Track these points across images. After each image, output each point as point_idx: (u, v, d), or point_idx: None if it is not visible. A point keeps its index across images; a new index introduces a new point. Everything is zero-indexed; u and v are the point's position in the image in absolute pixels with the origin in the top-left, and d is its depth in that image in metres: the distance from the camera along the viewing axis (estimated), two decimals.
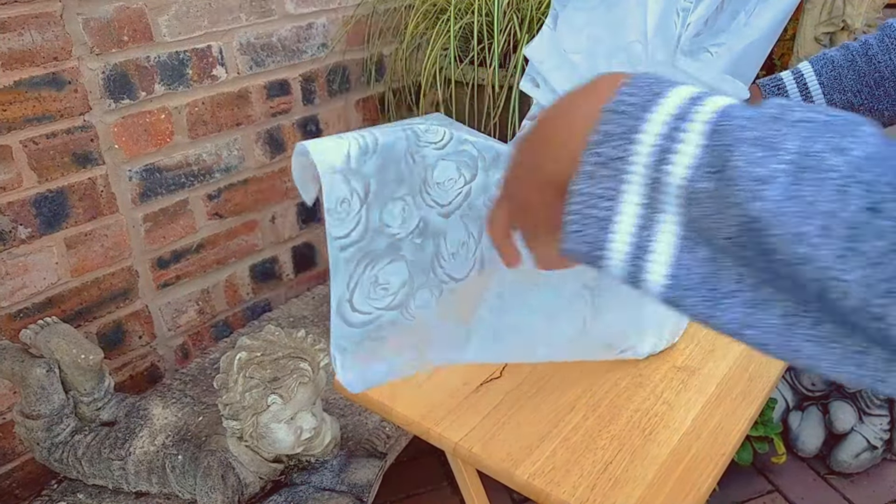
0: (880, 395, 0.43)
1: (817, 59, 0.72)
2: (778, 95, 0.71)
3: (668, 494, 0.66)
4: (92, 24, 1.31)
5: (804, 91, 0.70)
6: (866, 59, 0.68)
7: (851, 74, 0.68)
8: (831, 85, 0.69)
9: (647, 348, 0.85)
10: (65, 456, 1.20)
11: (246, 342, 1.12)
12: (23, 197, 1.29)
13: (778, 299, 0.31)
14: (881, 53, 0.67)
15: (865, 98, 0.68)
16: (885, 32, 0.68)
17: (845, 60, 0.69)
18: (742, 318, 0.32)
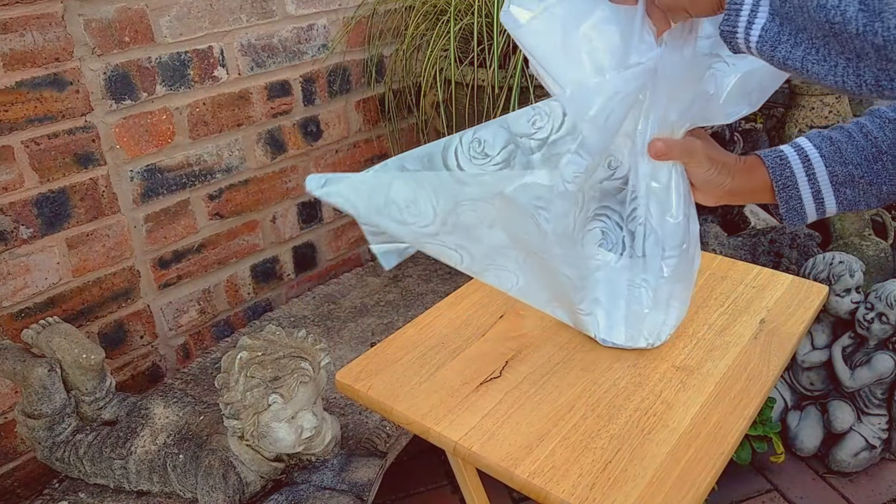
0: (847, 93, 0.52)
1: (814, 135, 0.74)
2: (781, 168, 0.73)
3: (667, 493, 0.67)
4: (93, 25, 1.32)
5: (806, 164, 0.72)
6: (862, 135, 0.71)
7: (850, 148, 0.71)
8: (832, 157, 0.72)
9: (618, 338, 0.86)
10: (66, 455, 1.21)
11: (247, 342, 1.13)
12: (24, 197, 1.30)
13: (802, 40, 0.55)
14: (876, 130, 0.71)
15: (865, 171, 0.70)
16: (874, 114, 0.72)
17: (842, 135, 0.72)
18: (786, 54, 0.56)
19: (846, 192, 0.70)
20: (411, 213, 0.69)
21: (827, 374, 1.63)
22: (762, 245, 1.75)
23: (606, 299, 0.83)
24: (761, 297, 0.96)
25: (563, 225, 0.75)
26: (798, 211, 0.74)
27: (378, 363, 0.89)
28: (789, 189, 0.74)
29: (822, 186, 0.71)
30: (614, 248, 0.80)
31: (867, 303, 1.54)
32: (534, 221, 0.72)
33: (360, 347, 1.58)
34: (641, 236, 0.77)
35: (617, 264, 0.80)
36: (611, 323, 0.85)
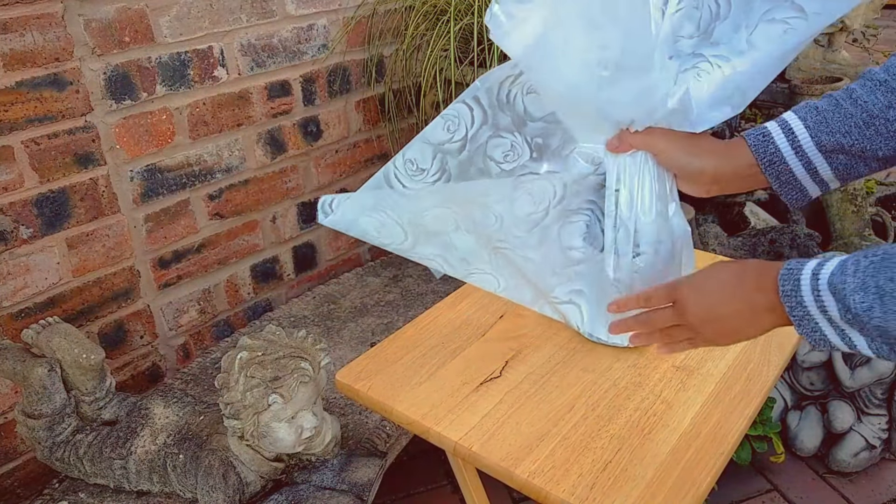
0: None
1: (800, 107, 0.72)
2: (765, 144, 0.71)
3: (668, 493, 0.67)
4: (93, 25, 1.32)
5: (790, 136, 0.70)
6: (851, 101, 0.69)
7: (837, 116, 0.69)
8: (817, 128, 0.69)
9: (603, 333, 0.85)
10: (66, 455, 1.21)
11: (247, 342, 1.13)
12: (24, 197, 1.30)
13: None
14: (866, 94, 0.68)
15: (856, 139, 0.68)
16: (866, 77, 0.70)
17: (829, 105, 0.70)
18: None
19: (840, 159, 0.69)
20: (386, 236, 0.78)
21: (827, 374, 1.63)
22: (762, 245, 1.75)
23: (590, 291, 0.82)
24: None
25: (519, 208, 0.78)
26: (793, 185, 0.71)
27: (378, 363, 0.89)
28: (776, 164, 0.71)
29: (811, 157, 0.69)
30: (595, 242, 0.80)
31: None
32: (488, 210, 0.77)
33: (360, 347, 1.58)
34: (612, 230, 0.77)
35: (598, 258, 0.80)
36: (594, 315, 0.84)
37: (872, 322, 0.55)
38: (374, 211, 0.77)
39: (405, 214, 0.77)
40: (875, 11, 1.98)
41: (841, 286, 0.57)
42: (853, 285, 0.56)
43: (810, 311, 0.60)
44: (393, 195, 0.77)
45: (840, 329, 0.59)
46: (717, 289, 0.67)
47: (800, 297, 0.60)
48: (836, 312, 0.58)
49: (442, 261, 0.80)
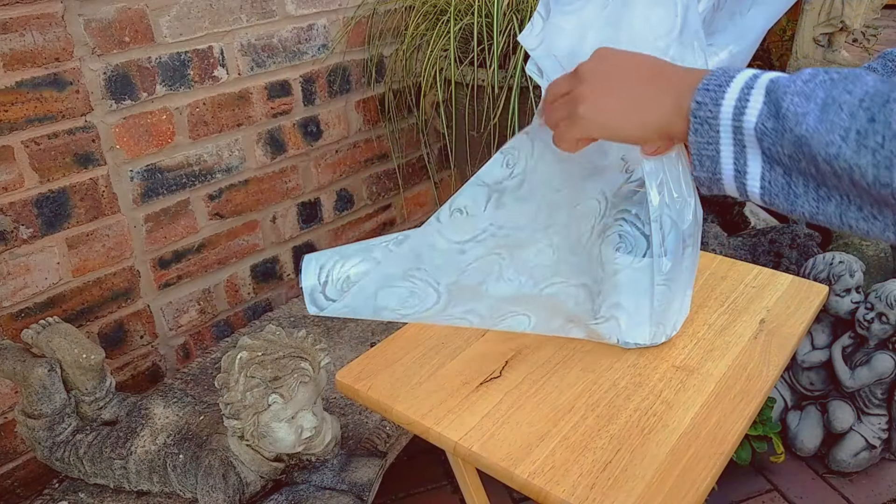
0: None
1: None
2: None
3: (667, 493, 0.67)
4: (93, 25, 1.32)
5: None
6: None
7: None
8: None
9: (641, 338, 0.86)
10: (66, 455, 1.21)
11: (247, 342, 1.13)
12: (24, 197, 1.30)
13: (831, 195, 0.49)
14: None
15: None
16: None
17: None
18: (813, 209, 0.50)
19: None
20: (409, 307, 0.72)
21: (827, 374, 1.63)
22: (762, 245, 1.75)
23: (629, 302, 0.83)
24: (761, 297, 0.96)
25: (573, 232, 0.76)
26: None
27: (378, 363, 0.89)
28: None
29: None
30: (634, 250, 0.80)
31: (867, 303, 1.54)
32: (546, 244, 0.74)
33: (360, 347, 1.58)
34: (659, 234, 0.78)
35: (639, 265, 0.80)
36: (633, 324, 0.85)
37: (798, 129, 0.47)
38: (402, 279, 0.70)
39: (446, 273, 0.71)
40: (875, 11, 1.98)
41: (784, 86, 0.49)
42: (798, 88, 0.48)
43: (722, 112, 0.51)
44: (434, 254, 0.70)
45: (741, 146, 0.51)
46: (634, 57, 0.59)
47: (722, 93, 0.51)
48: (752, 118, 0.50)
49: (472, 315, 0.76)
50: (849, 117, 0.45)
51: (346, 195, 1.91)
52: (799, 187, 0.50)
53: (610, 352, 0.87)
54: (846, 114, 0.45)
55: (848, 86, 0.46)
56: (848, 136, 0.45)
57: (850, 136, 0.45)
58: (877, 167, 0.44)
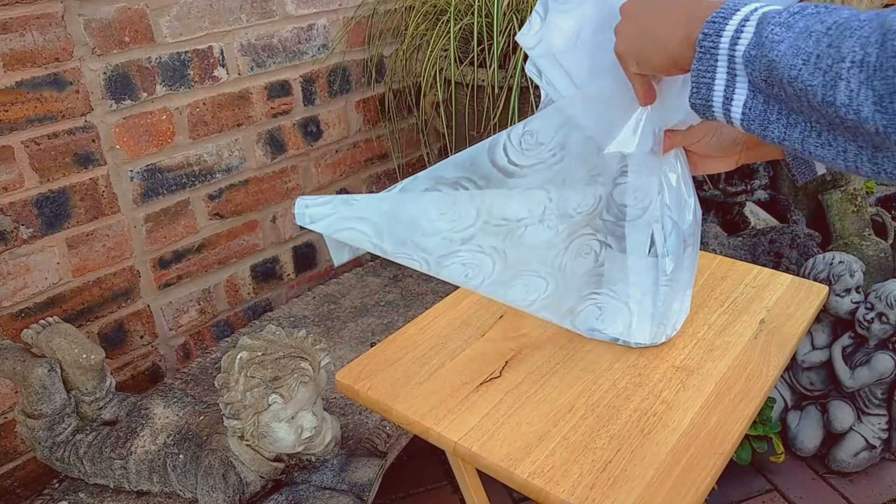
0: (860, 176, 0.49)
1: None
2: None
3: (667, 494, 0.67)
4: (93, 25, 1.32)
5: None
6: None
7: None
8: None
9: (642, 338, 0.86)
10: (66, 455, 1.21)
11: (247, 342, 1.13)
12: (24, 197, 1.30)
13: (798, 122, 0.53)
14: None
15: None
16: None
17: None
18: (781, 134, 0.54)
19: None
20: (447, 219, 0.69)
21: (827, 374, 1.63)
22: (762, 245, 1.75)
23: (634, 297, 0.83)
24: (761, 297, 0.96)
25: None
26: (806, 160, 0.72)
27: (378, 363, 0.89)
28: None
29: None
30: None
31: (867, 303, 1.54)
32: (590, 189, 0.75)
33: (360, 347, 1.58)
34: (662, 235, 0.78)
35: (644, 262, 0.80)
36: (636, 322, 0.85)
37: (770, 54, 0.51)
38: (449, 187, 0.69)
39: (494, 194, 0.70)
40: None
41: (772, 17, 0.52)
42: (781, 19, 0.52)
43: (721, 41, 0.55)
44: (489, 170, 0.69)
45: (733, 73, 0.55)
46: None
47: (724, 23, 0.55)
48: (742, 46, 0.54)
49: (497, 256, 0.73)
50: (814, 44, 0.49)
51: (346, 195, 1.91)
52: (773, 114, 0.54)
53: (610, 352, 0.87)
54: (813, 40, 0.49)
55: (825, 17, 0.50)
56: (808, 60, 0.49)
57: (810, 61, 0.49)
58: (824, 87, 0.48)
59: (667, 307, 0.84)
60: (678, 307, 0.86)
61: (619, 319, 0.85)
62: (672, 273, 0.81)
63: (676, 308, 0.86)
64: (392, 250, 0.67)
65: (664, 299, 0.82)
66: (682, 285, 0.85)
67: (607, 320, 0.86)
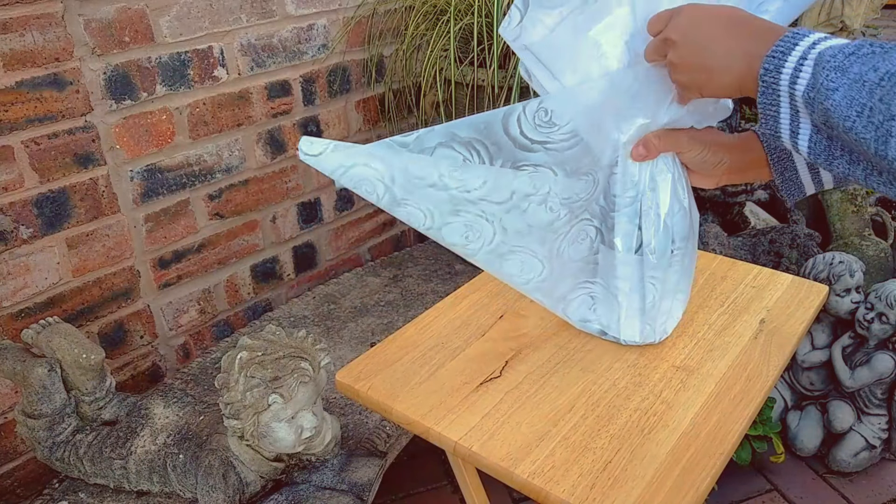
0: None
1: None
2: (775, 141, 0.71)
3: (667, 493, 0.67)
4: (93, 25, 1.32)
5: None
6: None
7: None
8: None
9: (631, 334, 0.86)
10: (66, 455, 1.21)
11: (247, 342, 1.13)
12: (24, 197, 1.30)
13: (860, 160, 0.55)
14: None
15: None
16: None
17: None
18: (846, 170, 0.56)
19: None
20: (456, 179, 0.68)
21: (827, 373, 1.63)
22: (762, 245, 1.75)
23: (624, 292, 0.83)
24: (761, 297, 0.96)
25: None
26: (794, 182, 0.75)
27: (378, 363, 0.89)
28: (783, 161, 0.74)
29: None
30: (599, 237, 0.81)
31: (867, 303, 1.54)
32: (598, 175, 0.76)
33: (360, 347, 1.58)
34: (650, 233, 0.78)
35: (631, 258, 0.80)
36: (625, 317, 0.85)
37: (826, 103, 0.52)
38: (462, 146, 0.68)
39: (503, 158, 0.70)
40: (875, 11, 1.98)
41: (827, 60, 0.53)
42: (837, 63, 0.52)
43: (781, 79, 0.56)
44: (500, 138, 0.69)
45: (795, 110, 0.57)
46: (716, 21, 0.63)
47: (784, 60, 0.56)
48: (802, 87, 0.55)
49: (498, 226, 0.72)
50: (867, 95, 0.50)
51: (346, 195, 1.91)
52: (836, 150, 0.56)
53: (610, 352, 0.87)
54: (866, 91, 0.50)
55: (879, 63, 0.50)
56: (862, 112, 0.50)
57: (863, 113, 0.50)
58: (876, 141, 0.49)
59: (655, 306, 0.83)
60: (667, 308, 0.86)
61: (610, 312, 0.85)
62: (658, 272, 0.80)
63: (665, 309, 0.85)
64: (401, 196, 0.66)
65: (651, 297, 0.82)
66: (671, 287, 0.84)
67: (600, 310, 0.86)
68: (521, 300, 1.00)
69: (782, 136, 0.59)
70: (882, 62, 0.50)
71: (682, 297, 0.87)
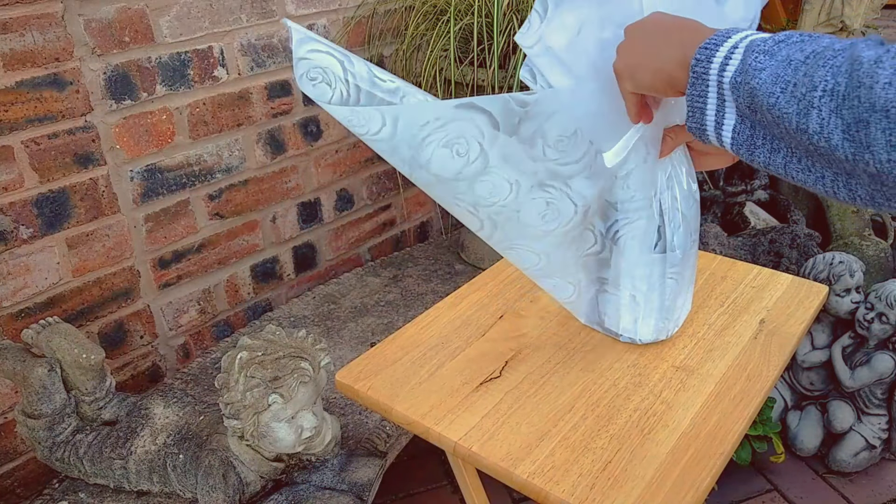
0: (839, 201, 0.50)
1: None
2: None
3: (667, 493, 0.67)
4: (93, 25, 1.32)
5: None
6: None
7: None
8: None
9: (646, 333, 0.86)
10: (66, 455, 1.21)
11: (247, 342, 1.13)
12: (24, 197, 1.30)
13: (780, 147, 0.54)
14: None
15: None
16: None
17: None
18: (766, 159, 0.56)
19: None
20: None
21: (827, 373, 1.63)
22: (762, 245, 1.75)
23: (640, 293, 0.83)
24: (761, 297, 0.96)
25: None
26: None
27: (378, 363, 0.89)
28: None
29: None
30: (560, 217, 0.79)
31: (867, 303, 1.54)
32: None
33: (360, 347, 1.58)
34: (671, 229, 0.78)
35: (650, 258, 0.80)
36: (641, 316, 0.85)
37: (752, 82, 0.53)
38: None
39: None
40: (875, 11, 1.98)
41: (757, 44, 0.54)
42: (766, 47, 0.53)
43: (711, 68, 0.57)
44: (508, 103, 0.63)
45: (722, 99, 0.57)
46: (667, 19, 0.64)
47: (715, 50, 0.57)
48: (730, 73, 0.55)
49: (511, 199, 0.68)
50: (792, 72, 0.50)
51: (346, 195, 1.91)
52: (758, 139, 0.56)
53: (610, 352, 0.87)
54: (791, 69, 0.51)
55: (806, 46, 0.51)
56: (786, 88, 0.50)
57: (787, 89, 0.50)
58: (798, 114, 0.49)
59: (672, 302, 0.84)
60: (682, 303, 0.87)
61: (626, 314, 0.85)
62: (679, 267, 0.81)
63: (681, 303, 0.86)
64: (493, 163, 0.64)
65: (670, 294, 0.83)
66: (687, 280, 0.85)
67: (611, 313, 0.86)
68: (520, 300, 1.00)
69: (707, 129, 0.59)
70: (809, 45, 0.51)
71: (692, 289, 0.88)
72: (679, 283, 0.83)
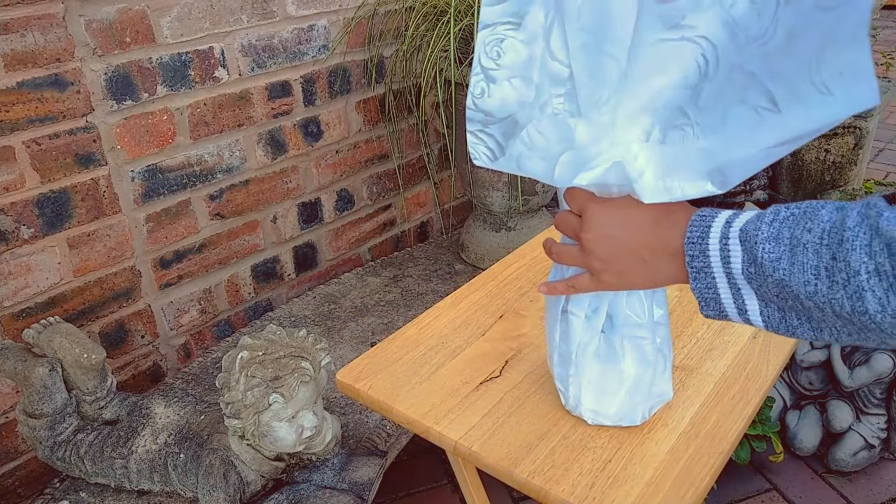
0: None
1: None
2: None
3: (667, 493, 0.67)
4: (94, 26, 1.32)
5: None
6: None
7: None
8: None
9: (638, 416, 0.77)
10: (67, 454, 1.21)
11: (248, 341, 1.13)
12: (25, 197, 1.30)
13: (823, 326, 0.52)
14: None
15: None
16: None
17: None
18: (811, 336, 0.54)
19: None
20: None
21: (826, 373, 1.63)
22: None
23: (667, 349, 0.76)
24: None
25: None
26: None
27: (378, 363, 0.89)
28: None
29: None
30: None
31: None
32: None
33: (361, 347, 1.58)
34: None
35: None
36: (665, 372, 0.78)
37: (776, 274, 0.51)
38: None
39: None
40: (875, 12, 1.98)
41: (753, 233, 0.53)
42: (766, 234, 0.52)
43: (711, 261, 0.56)
44: None
45: (736, 288, 0.56)
46: (624, 217, 0.62)
47: (705, 245, 0.56)
48: (738, 265, 0.54)
49: None
50: (814, 256, 0.49)
51: (346, 195, 1.91)
52: (793, 320, 0.54)
53: None
54: (812, 253, 0.49)
55: (807, 224, 0.50)
56: (819, 273, 0.49)
57: (821, 274, 0.49)
58: (850, 299, 0.48)
59: None
60: None
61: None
62: None
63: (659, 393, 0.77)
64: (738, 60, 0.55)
65: None
66: None
67: None
68: (520, 300, 1.00)
69: (730, 315, 0.58)
70: (810, 223, 0.50)
71: None
72: None
